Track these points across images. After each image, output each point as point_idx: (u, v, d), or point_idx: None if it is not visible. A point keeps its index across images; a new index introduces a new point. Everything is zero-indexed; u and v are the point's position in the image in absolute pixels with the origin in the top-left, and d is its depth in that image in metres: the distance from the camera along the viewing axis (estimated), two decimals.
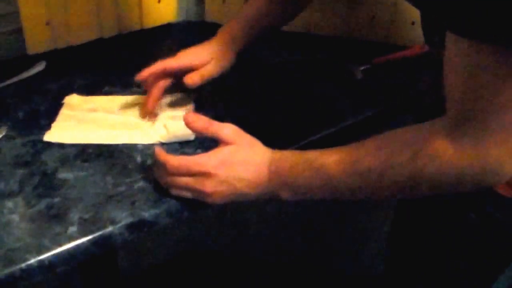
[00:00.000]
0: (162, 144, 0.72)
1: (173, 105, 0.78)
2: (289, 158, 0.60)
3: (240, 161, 0.60)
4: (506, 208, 0.63)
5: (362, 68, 0.94)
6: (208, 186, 0.59)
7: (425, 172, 0.51)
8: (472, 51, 0.45)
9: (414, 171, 0.52)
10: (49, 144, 0.71)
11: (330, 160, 0.57)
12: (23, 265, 0.52)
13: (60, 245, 0.55)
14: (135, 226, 0.59)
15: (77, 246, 0.55)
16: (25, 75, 0.90)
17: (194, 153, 0.70)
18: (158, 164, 0.62)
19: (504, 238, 0.66)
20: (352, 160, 0.56)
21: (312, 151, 0.59)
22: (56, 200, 0.61)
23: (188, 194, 0.61)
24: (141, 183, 0.64)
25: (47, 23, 0.95)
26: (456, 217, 0.68)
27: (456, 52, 0.47)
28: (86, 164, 0.67)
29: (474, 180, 0.50)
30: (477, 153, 0.48)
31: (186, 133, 0.72)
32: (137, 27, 1.10)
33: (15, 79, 0.88)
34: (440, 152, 0.50)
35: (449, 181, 0.51)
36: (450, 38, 0.47)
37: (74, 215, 0.59)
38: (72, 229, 0.57)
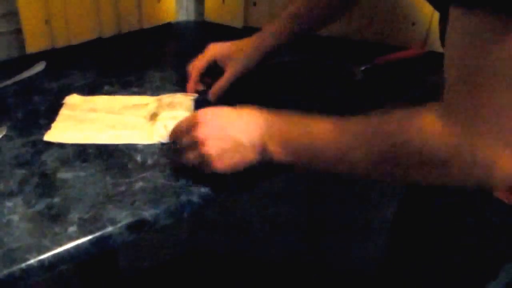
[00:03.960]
0: (162, 144, 0.72)
1: (173, 105, 0.78)
2: (281, 115, 0.61)
3: (230, 111, 0.62)
4: (505, 214, 0.62)
5: (362, 68, 0.94)
6: (201, 132, 0.60)
7: (410, 145, 0.49)
8: (472, 26, 0.44)
9: (400, 142, 0.50)
10: (49, 144, 0.71)
11: (320, 125, 0.58)
12: (23, 265, 0.52)
13: (60, 245, 0.55)
14: (135, 226, 0.59)
15: (77, 246, 0.55)
16: (25, 75, 0.90)
17: None
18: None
19: (502, 243, 0.65)
20: (342, 125, 0.56)
21: (305, 117, 0.60)
22: (56, 200, 0.61)
23: (191, 156, 0.61)
24: (141, 183, 0.64)
25: (46, 22, 0.95)
26: (455, 222, 0.67)
27: (456, 29, 0.46)
28: (86, 164, 0.67)
29: (462, 169, 0.47)
30: (467, 135, 0.46)
31: None
32: (136, 26, 1.10)
33: (15, 79, 0.88)
34: (428, 127, 0.48)
35: (435, 161, 0.48)
36: (452, 16, 0.46)
37: (74, 215, 0.59)
38: (72, 229, 0.57)
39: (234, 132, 0.60)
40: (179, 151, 0.63)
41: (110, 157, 0.69)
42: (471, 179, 0.48)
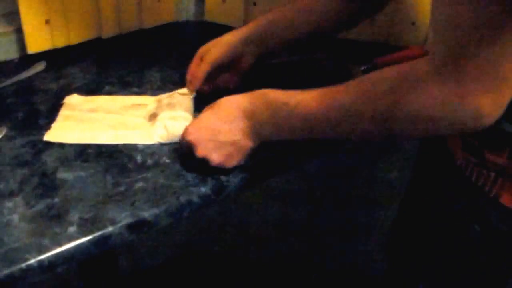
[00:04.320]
0: (162, 144, 0.72)
1: (173, 105, 0.78)
2: (265, 96, 0.64)
3: (209, 117, 0.66)
4: (511, 220, 0.61)
5: (362, 68, 0.94)
6: (201, 151, 0.64)
7: (404, 101, 0.51)
8: None
9: (393, 100, 0.52)
10: (49, 144, 0.71)
11: (309, 96, 0.59)
12: (23, 265, 0.52)
13: (60, 245, 0.55)
14: (135, 226, 0.59)
15: (77, 246, 0.55)
16: (25, 75, 0.90)
17: None
18: None
19: (509, 250, 0.64)
20: (332, 94, 0.57)
21: (289, 91, 0.62)
22: (56, 200, 0.61)
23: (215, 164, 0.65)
24: (141, 183, 0.64)
25: (47, 22, 0.95)
26: (460, 229, 0.66)
27: None
28: (86, 164, 0.67)
29: (453, 118, 0.50)
30: (458, 88, 0.48)
31: None
32: (137, 26, 1.10)
33: (15, 79, 0.88)
34: (421, 82, 0.50)
35: (428, 115, 0.50)
36: None
37: (74, 215, 0.59)
38: (72, 229, 0.57)
39: (224, 137, 0.64)
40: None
41: (110, 157, 0.69)
42: (459, 126, 0.51)
